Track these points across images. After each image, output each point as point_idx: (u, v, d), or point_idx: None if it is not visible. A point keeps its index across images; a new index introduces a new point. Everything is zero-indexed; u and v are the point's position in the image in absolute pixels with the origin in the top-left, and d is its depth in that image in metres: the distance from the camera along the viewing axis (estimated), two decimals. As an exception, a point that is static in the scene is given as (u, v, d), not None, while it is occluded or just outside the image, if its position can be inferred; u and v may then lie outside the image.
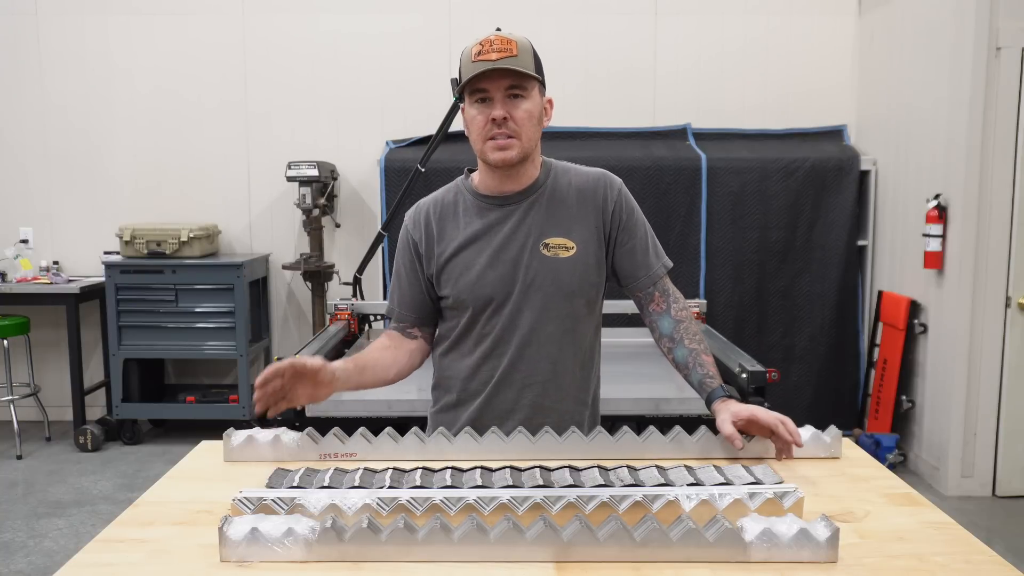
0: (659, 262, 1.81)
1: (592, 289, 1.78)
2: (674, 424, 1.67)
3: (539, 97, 1.71)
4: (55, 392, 5.20)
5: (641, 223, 1.81)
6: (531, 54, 1.67)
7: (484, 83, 1.64)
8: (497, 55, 1.62)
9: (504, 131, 1.66)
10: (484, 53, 1.63)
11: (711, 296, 4.69)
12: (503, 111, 1.64)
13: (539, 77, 1.70)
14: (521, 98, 1.66)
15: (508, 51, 1.62)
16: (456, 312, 1.78)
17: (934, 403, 4.19)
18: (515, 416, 1.77)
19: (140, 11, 5.09)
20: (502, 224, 1.75)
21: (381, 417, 3.06)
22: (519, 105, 1.66)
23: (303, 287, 5.14)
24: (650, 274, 1.79)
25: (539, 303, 1.73)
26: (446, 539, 1.18)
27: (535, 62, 1.69)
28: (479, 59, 1.63)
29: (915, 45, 4.35)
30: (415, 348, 1.85)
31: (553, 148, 4.72)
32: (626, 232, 1.78)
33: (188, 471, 1.61)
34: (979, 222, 3.91)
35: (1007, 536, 3.57)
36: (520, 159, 1.70)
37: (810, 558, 1.18)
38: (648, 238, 1.82)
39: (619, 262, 1.79)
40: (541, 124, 1.73)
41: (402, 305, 1.84)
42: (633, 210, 1.81)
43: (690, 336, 1.76)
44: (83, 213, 5.19)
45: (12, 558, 3.39)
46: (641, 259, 1.79)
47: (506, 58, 1.62)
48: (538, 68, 1.70)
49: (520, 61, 1.64)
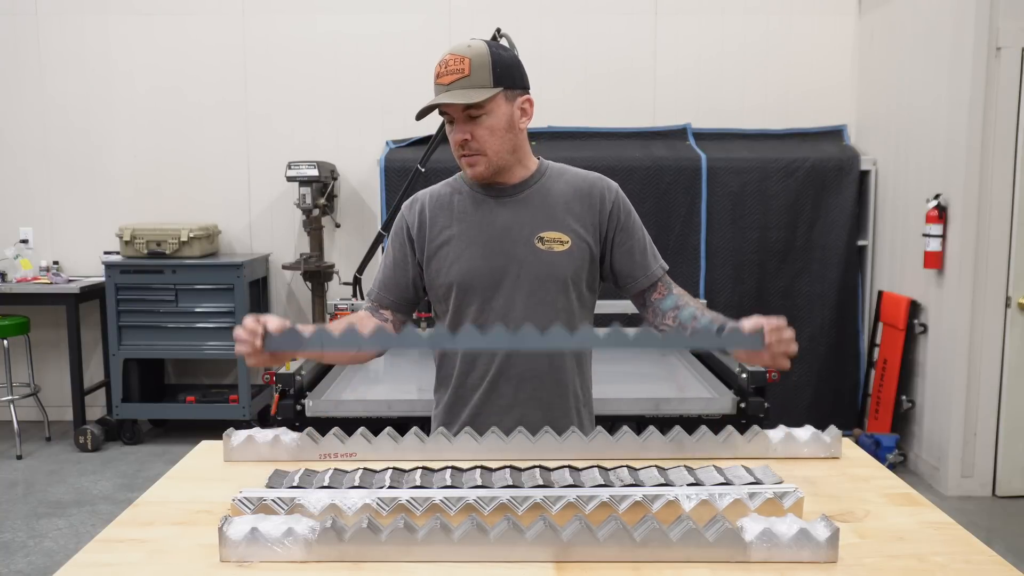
0: (656, 263, 1.84)
1: (585, 284, 1.80)
2: (674, 424, 1.67)
3: (505, 106, 1.69)
4: (55, 392, 5.20)
5: (639, 226, 1.84)
6: (488, 68, 1.66)
7: (443, 107, 1.69)
8: (450, 77, 1.65)
9: (467, 151, 1.70)
10: (440, 76, 1.66)
11: (711, 296, 4.68)
12: (463, 133, 1.68)
13: (499, 88, 1.67)
14: (480, 116, 1.68)
15: (460, 71, 1.64)
16: (447, 301, 1.78)
17: (934, 403, 4.19)
18: (515, 411, 1.77)
19: (140, 11, 5.09)
20: (496, 215, 1.77)
21: (381, 417, 3.06)
22: (480, 123, 1.68)
23: (303, 287, 5.14)
24: (648, 274, 1.82)
25: (533, 295, 1.75)
26: (446, 539, 1.18)
27: (493, 74, 1.67)
28: (437, 82, 1.67)
29: (915, 45, 4.35)
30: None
31: (553, 148, 4.76)
32: (624, 233, 1.80)
33: (188, 471, 1.61)
34: (979, 222, 3.91)
35: (1007, 536, 3.57)
36: (491, 173, 1.73)
37: (810, 558, 1.18)
38: (646, 240, 1.85)
39: (618, 263, 1.81)
40: (514, 130, 1.73)
41: (383, 286, 1.84)
42: (630, 212, 1.83)
43: (696, 304, 1.79)
44: (83, 213, 5.19)
45: (12, 558, 3.39)
46: (639, 260, 1.82)
47: (459, 80, 1.64)
48: (502, 76, 1.68)
49: (473, 80, 1.64)
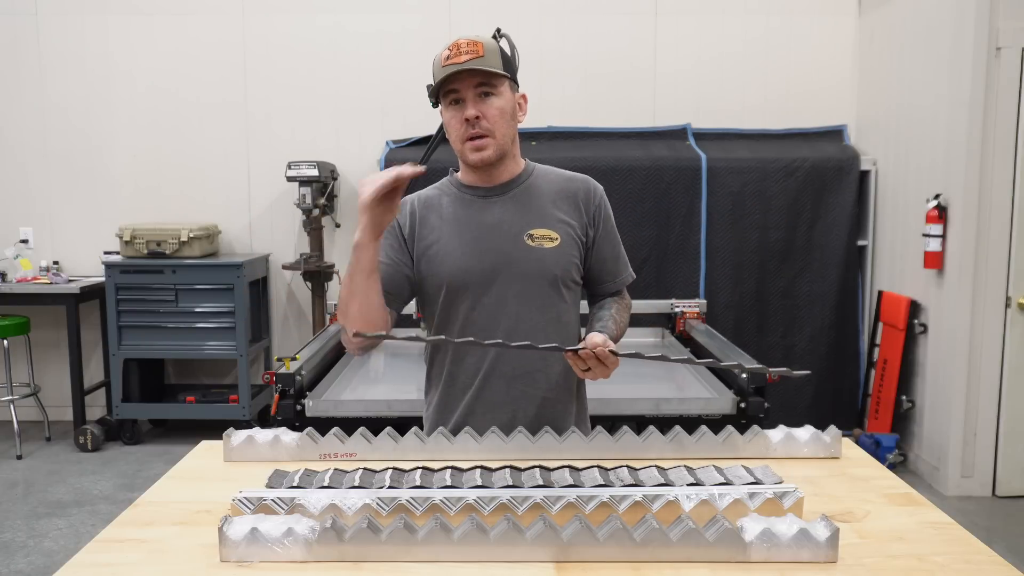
0: (627, 272, 1.91)
1: (572, 280, 1.82)
2: (674, 424, 1.67)
3: (510, 94, 1.75)
4: (55, 392, 5.20)
5: (615, 231, 1.89)
6: (498, 54, 1.71)
7: (455, 84, 1.69)
8: (466, 57, 1.67)
9: (478, 131, 1.70)
10: (453, 56, 1.68)
11: (711, 296, 4.69)
12: (474, 110, 1.69)
13: (508, 75, 1.73)
14: (492, 96, 1.70)
15: (475, 52, 1.67)
16: (437, 299, 1.79)
17: (934, 403, 4.19)
18: (507, 408, 1.78)
19: (140, 11, 5.09)
20: (485, 214, 1.78)
21: (381, 417, 3.06)
22: (490, 103, 1.70)
23: (303, 287, 5.14)
24: (616, 282, 1.89)
25: (524, 291, 1.76)
26: (446, 539, 1.18)
27: (504, 61, 1.72)
28: (448, 63, 1.68)
29: (915, 45, 4.35)
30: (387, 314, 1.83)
31: (553, 148, 4.77)
32: (603, 237, 1.85)
33: (188, 471, 1.61)
34: (979, 222, 3.91)
35: (1007, 536, 3.57)
36: (497, 156, 1.74)
37: (810, 558, 1.18)
38: (620, 247, 1.90)
39: (592, 265, 1.85)
40: (515, 120, 1.77)
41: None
42: (611, 217, 1.87)
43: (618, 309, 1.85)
44: (83, 213, 5.19)
45: (12, 558, 3.39)
46: (612, 267, 1.87)
47: (473, 59, 1.67)
48: (508, 66, 1.74)
49: (487, 61, 1.68)
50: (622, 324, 1.85)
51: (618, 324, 1.82)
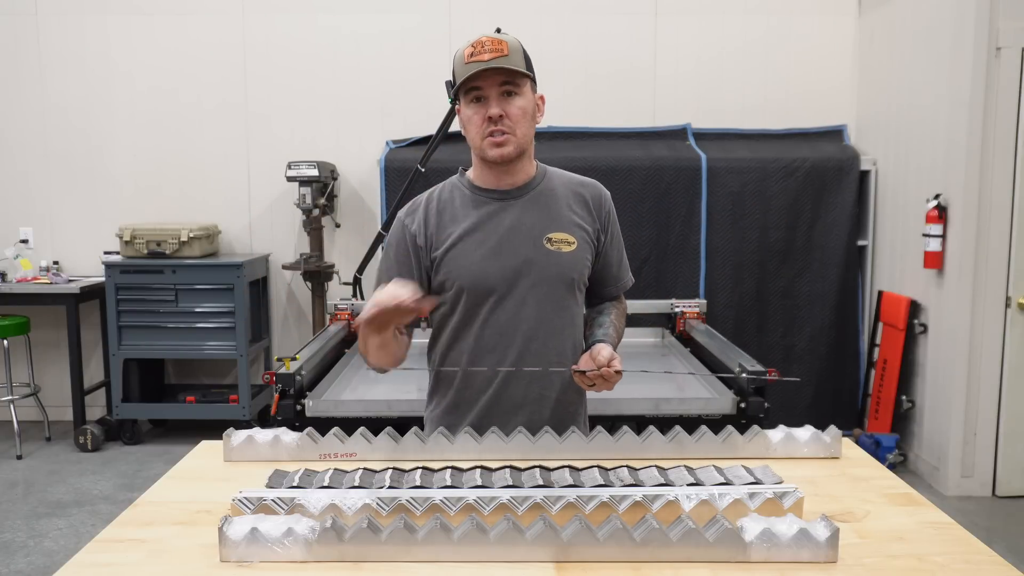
0: (628, 276, 1.94)
1: (584, 283, 1.85)
2: (674, 424, 1.67)
3: (531, 94, 1.75)
4: (55, 392, 5.20)
5: (620, 236, 1.92)
6: (521, 54, 1.71)
7: (478, 82, 1.68)
8: (490, 55, 1.66)
9: (500, 128, 1.69)
10: (477, 54, 1.67)
11: (711, 296, 4.68)
12: (498, 109, 1.69)
13: (531, 75, 1.74)
14: (515, 95, 1.70)
15: (499, 51, 1.67)
16: (454, 302, 1.78)
17: (934, 403, 4.19)
18: (523, 410, 1.78)
19: (140, 11, 5.09)
20: (501, 217, 1.77)
21: (381, 417, 3.05)
22: (513, 102, 1.70)
23: (303, 287, 5.14)
24: (618, 286, 1.92)
25: (544, 294, 1.76)
26: (446, 539, 1.18)
27: (526, 61, 1.73)
28: (472, 60, 1.67)
29: (915, 45, 4.35)
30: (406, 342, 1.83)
31: (553, 148, 4.76)
32: (610, 243, 1.87)
33: (188, 471, 1.61)
34: (979, 222, 3.91)
35: (1007, 536, 3.57)
36: (517, 154, 1.74)
37: (810, 558, 1.18)
38: (624, 252, 1.93)
39: (598, 270, 1.87)
40: (535, 120, 1.77)
41: None
42: (616, 222, 1.90)
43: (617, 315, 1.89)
44: (83, 213, 5.19)
45: (12, 558, 3.39)
46: (616, 272, 1.90)
47: (498, 58, 1.66)
48: (529, 66, 1.74)
49: (511, 60, 1.68)
50: (621, 330, 1.88)
51: (618, 330, 1.86)
